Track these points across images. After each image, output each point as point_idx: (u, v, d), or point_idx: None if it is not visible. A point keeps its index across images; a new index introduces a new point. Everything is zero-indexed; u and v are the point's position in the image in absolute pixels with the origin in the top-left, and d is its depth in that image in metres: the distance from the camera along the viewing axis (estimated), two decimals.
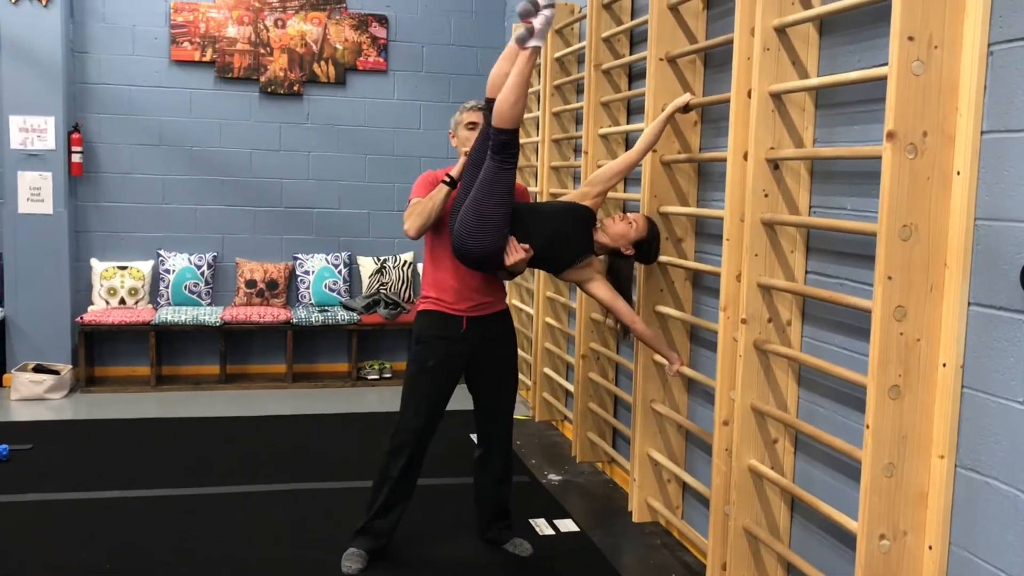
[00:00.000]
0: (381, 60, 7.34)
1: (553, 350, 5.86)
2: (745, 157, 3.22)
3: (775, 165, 3.17)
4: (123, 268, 6.96)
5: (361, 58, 7.31)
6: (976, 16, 2.40)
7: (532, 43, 3.42)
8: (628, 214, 3.79)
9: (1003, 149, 2.37)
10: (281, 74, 7.17)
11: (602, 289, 3.72)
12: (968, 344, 2.48)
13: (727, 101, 3.38)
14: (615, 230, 3.73)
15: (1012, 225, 2.34)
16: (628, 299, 3.79)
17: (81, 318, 6.66)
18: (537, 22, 3.42)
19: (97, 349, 7.00)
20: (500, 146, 3.43)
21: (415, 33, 7.42)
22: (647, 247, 3.80)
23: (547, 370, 5.92)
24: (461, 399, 4.06)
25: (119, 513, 4.39)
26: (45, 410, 6.25)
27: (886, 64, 2.52)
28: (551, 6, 3.44)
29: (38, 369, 6.57)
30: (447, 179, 3.68)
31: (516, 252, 3.54)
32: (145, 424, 5.96)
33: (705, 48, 3.81)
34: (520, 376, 6.49)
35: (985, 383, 2.43)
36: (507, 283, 6.61)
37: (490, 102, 3.52)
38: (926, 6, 2.42)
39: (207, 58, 7.05)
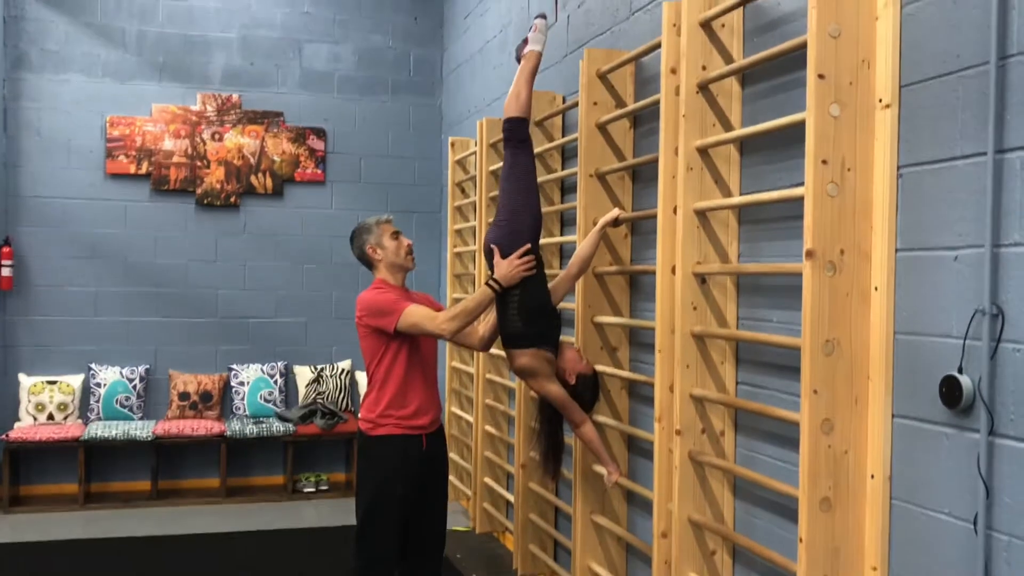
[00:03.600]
0: (319, 171, 7.42)
1: (493, 459, 5.82)
2: (673, 271, 3.31)
3: (702, 279, 3.25)
4: (52, 383, 6.80)
5: (299, 169, 7.37)
6: (885, 141, 2.53)
7: (528, 48, 3.82)
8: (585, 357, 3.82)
9: (917, 266, 2.47)
10: (218, 186, 7.20)
11: (558, 387, 3.64)
12: (895, 456, 2.53)
13: (654, 216, 3.48)
14: (567, 355, 3.71)
15: (929, 339, 2.42)
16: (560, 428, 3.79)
17: (7, 435, 6.46)
18: (529, 34, 3.83)
19: (23, 467, 6.77)
20: (510, 133, 3.74)
21: (353, 145, 7.53)
22: (587, 384, 3.73)
23: (487, 479, 5.86)
24: None
25: None
26: None
27: (803, 184, 2.63)
28: (542, 16, 3.88)
29: None
30: (494, 284, 3.58)
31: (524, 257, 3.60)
32: (72, 546, 5.74)
33: (633, 165, 3.94)
34: (460, 486, 6.43)
35: (913, 495, 2.47)
36: (446, 391, 6.59)
37: (506, 121, 3.78)
38: (838, 132, 2.55)
39: (143, 171, 7.06)
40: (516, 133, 3.75)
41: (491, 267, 3.66)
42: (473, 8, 6.73)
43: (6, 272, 6.63)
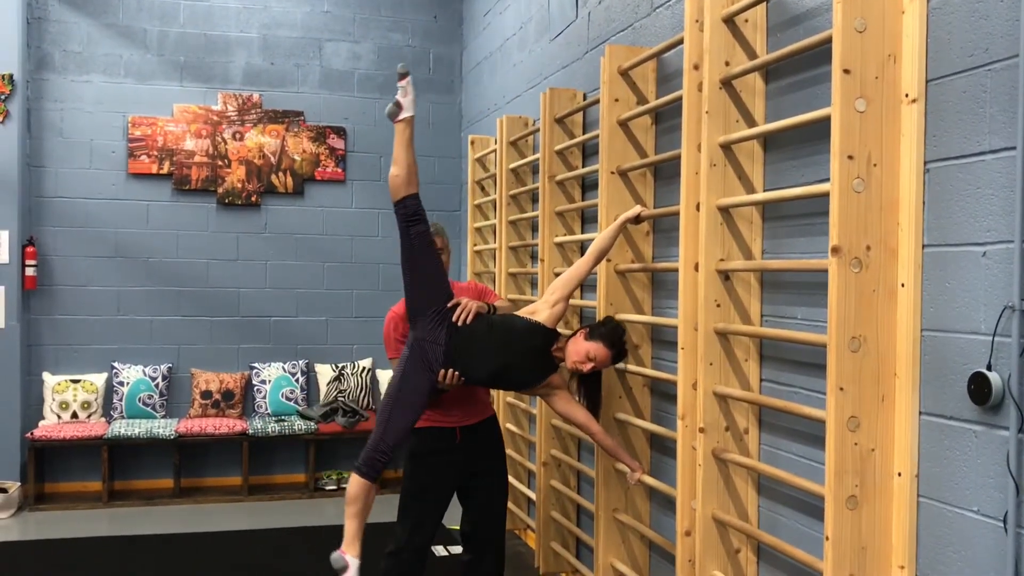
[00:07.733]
0: (339, 170, 7.44)
1: (515, 457, 5.82)
2: (696, 268, 3.29)
3: (726, 276, 3.23)
4: (76, 381, 6.85)
5: (319, 168, 7.39)
6: (911, 136, 2.51)
7: (403, 115, 3.84)
8: (592, 348, 3.61)
9: (944, 262, 2.44)
10: (239, 185, 7.23)
11: (559, 403, 3.79)
12: (922, 453, 2.51)
13: (677, 213, 3.46)
14: (571, 362, 3.65)
15: (957, 336, 2.39)
16: (598, 405, 3.82)
17: (31, 433, 6.51)
18: (400, 97, 3.81)
19: (47, 465, 6.82)
20: (403, 214, 3.70)
21: (373, 144, 7.55)
22: (588, 379, 3.79)
23: (509, 478, 5.85)
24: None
25: None
26: None
27: (828, 180, 2.61)
28: (404, 75, 3.81)
29: None
30: None
31: (450, 378, 3.62)
32: (96, 543, 5.78)
33: (655, 162, 3.92)
34: None
35: (940, 492, 2.45)
36: None
37: (398, 203, 3.75)
38: (863, 127, 2.53)
39: (164, 171, 7.10)
40: (408, 212, 3.71)
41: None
42: (492, 6, 6.72)
43: (30, 272, 6.68)
